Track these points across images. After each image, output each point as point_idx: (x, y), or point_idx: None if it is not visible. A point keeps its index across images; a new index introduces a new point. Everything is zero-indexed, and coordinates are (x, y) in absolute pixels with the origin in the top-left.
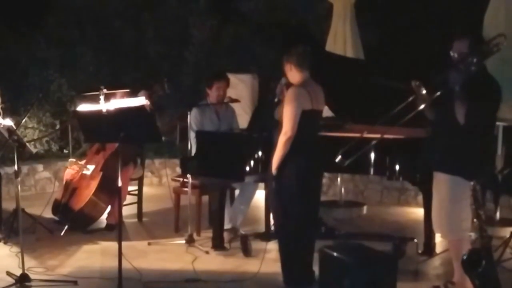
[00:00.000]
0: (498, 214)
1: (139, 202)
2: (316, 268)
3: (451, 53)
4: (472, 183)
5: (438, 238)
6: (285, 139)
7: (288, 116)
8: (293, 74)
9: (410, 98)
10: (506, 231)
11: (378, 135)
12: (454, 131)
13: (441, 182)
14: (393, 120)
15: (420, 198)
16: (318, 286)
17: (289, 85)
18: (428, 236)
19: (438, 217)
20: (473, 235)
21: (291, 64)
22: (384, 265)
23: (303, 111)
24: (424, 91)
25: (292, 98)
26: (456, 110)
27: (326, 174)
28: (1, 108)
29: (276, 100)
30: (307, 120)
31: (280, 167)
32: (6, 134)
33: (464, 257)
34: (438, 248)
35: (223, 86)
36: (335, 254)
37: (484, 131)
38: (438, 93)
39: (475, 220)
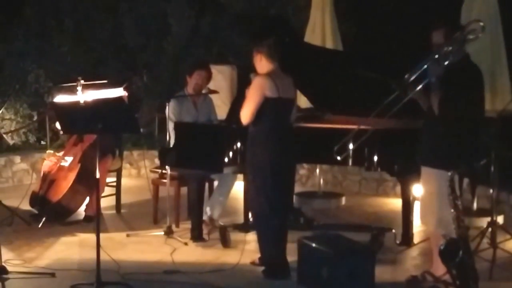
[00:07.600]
0: (475, 204)
1: (118, 194)
2: (295, 259)
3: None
4: (449, 173)
5: (416, 228)
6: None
7: (247, 103)
8: (263, 65)
9: (397, 92)
10: (483, 221)
11: (356, 127)
12: (433, 123)
13: (428, 176)
14: (374, 112)
15: (398, 188)
16: (297, 276)
17: None
18: (406, 226)
19: (427, 212)
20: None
21: (261, 55)
22: (363, 256)
23: (269, 98)
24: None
25: (254, 87)
26: (432, 102)
27: (304, 165)
28: None
29: None
30: (274, 108)
31: (254, 155)
32: None
33: (442, 247)
34: (416, 238)
35: (204, 75)
36: (313, 245)
37: (462, 121)
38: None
39: (452, 210)
